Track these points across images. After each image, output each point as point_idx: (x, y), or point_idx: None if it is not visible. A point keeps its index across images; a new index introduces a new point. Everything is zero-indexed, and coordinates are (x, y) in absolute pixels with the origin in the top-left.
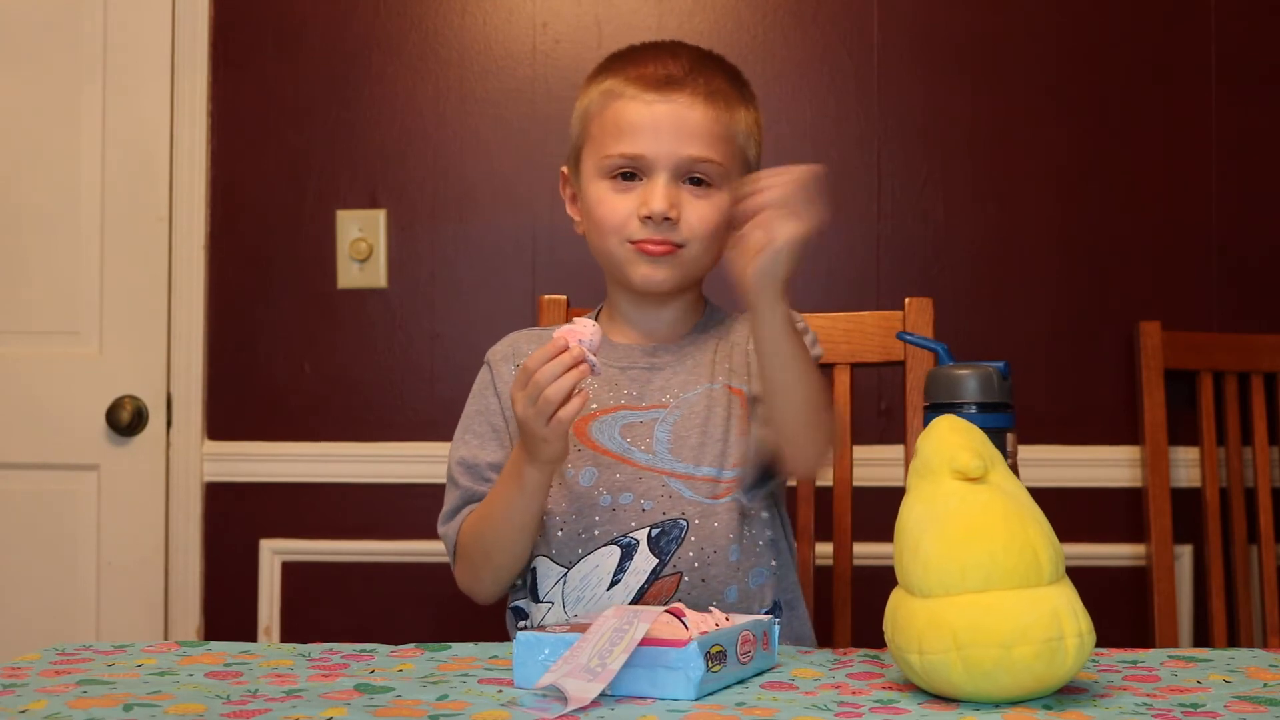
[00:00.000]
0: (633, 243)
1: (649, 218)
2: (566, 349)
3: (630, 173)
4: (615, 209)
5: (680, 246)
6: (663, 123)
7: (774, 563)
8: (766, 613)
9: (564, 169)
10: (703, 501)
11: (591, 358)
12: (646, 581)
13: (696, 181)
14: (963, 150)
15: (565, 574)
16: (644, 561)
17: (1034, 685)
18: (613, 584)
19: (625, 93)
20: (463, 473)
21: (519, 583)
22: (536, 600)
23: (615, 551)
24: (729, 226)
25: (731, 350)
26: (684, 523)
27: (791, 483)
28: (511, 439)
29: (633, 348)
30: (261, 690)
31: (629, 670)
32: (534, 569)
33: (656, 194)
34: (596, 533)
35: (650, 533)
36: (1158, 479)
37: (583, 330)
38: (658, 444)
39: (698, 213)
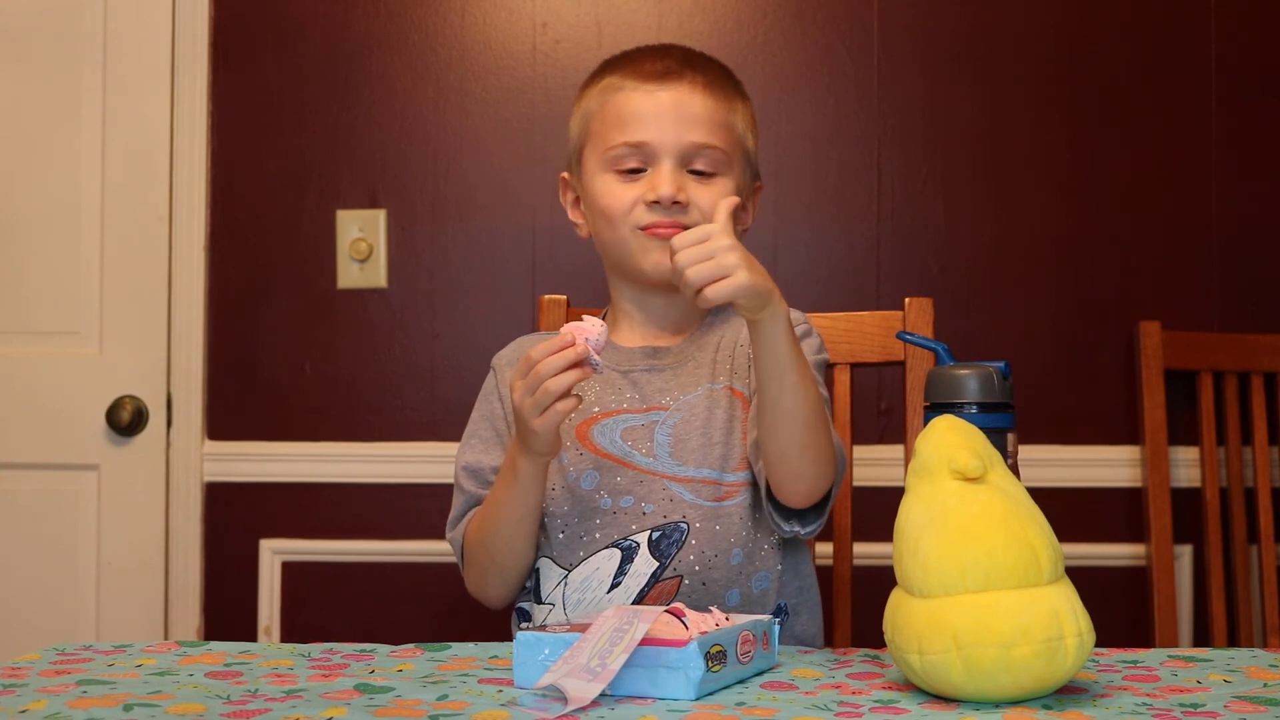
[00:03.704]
0: (642, 229)
1: (657, 202)
2: (573, 345)
3: (635, 168)
4: (621, 197)
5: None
6: (665, 109)
7: (779, 567)
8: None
9: (564, 174)
10: (704, 505)
11: (595, 357)
12: (647, 584)
13: (699, 172)
14: (963, 150)
15: (566, 576)
16: (644, 564)
17: (1034, 685)
18: (613, 586)
19: (625, 85)
20: (468, 478)
21: (525, 584)
22: (539, 601)
23: (615, 554)
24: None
25: (734, 350)
26: (684, 526)
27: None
28: None
29: (634, 350)
30: (261, 690)
31: (629, 670)
32: (537, 570)
33: (664, 179)
34: (597, 535)
35: (651, 536)
36: (1158, 479)
37: (589, 329)
38: (658, 447)
39: (706, 194)
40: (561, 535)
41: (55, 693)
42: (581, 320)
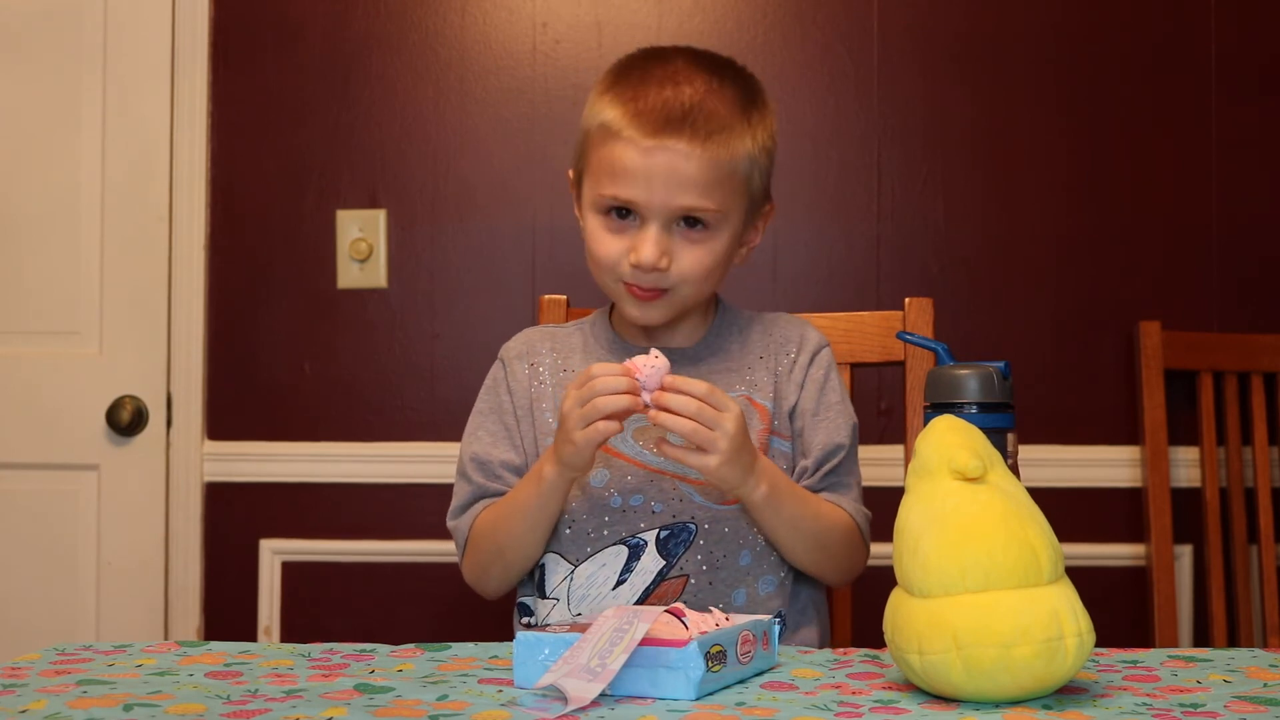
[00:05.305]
0: (624, 283)
1: (638, 265)
2: (633, 377)
3: (625, 212)
4: (609, 249)
5: (668, 290)
6: (656, 172)
7: (782, 574)
8: None
9: (570, 172)
10: (714, 507)
11: (646, 396)
12: (653, 582)
13: (693, 222)
14: (963, 150)
15: (572, 571)
16: (651, 562)
17: (1034, 685)
18: (619, 583)
19: (623, 133)
20: (476, 469)
21: (527, 578)
22: (543, 596)
23: (623, 551)
24: (728, 257)
25: (755, 365)
26: (693, 526)
27: None
28: (522, 439)
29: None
30: (261, 690)
31: (629, 670)
32: (543, 564)
33: (647, 244)
34: (605, 532)
35: (659, 534)
36: (1158, 479)
37: (642, 368)
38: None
39: (690, 258)
40: (569, 531)
41: (55, 693)
42: (648, 353)
